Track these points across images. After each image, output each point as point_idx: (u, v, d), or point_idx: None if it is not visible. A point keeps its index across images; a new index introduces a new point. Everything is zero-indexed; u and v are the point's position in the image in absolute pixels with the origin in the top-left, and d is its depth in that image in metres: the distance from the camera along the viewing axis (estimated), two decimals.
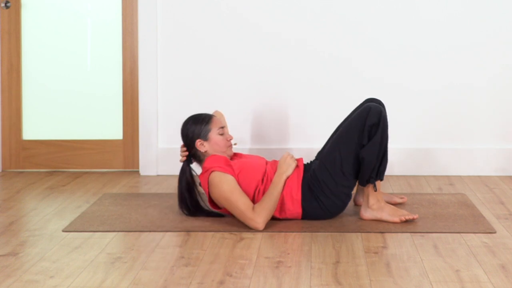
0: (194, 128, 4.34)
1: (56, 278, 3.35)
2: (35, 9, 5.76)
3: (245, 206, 4.08)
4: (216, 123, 4.36)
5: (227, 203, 4.12)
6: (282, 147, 5.63)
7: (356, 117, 4.20)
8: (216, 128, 4.34)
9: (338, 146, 4.20)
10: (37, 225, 4.25)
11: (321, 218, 4.25)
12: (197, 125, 4.34)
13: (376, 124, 4.15)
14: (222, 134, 4.33)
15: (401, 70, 5.58)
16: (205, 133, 4.32)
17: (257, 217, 4.05)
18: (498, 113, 5.58)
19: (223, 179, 4.14)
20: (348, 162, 4.18)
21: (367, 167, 4.16)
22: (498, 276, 3.35)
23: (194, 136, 4.34)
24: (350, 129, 4.19)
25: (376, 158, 4.15)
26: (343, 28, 5.56)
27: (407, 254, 3.67)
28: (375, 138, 4.14)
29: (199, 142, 4.32)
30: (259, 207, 4.08)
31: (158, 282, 3.29)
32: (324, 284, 3.26)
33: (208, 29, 5.60)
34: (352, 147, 4.17)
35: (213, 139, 4.32)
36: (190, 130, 4.35)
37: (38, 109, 5.78)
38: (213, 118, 4.37)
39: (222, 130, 4.34)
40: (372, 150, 4.14)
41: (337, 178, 4.19)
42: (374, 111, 4.15)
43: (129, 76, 5.71)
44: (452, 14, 5.55)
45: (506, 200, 4.81)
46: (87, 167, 5.79)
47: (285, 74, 5.60)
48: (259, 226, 4.05)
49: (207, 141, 4.32)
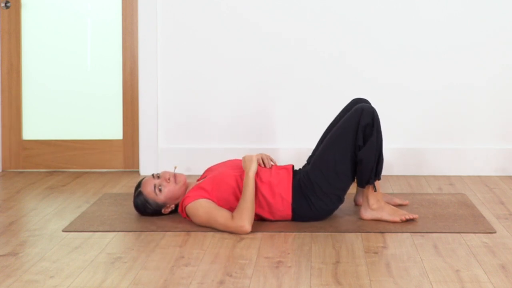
0: (149, 207, 4.30)
1: (56, 278, 3.35)
2: (35, 9, 5.76)
3: (224, 218, 4.06)
4: (146, 186, 4.29)
5: (210, 224, 4.11)
6: (282, 147, 5.63)
7: (348, 118, 4.18)
8: (152, 192, 4.27)
9: (332, 148, 4.17)
10: (37, 225, 4.25)
11: (310, 220, 4.24)
12: (145, 205, 4.30)
13: (370, 125, 4.14)
14: (160, 185, 4.26)
15: (401, 70, 5.58)
16: (155, 202, 4.29)
17: (238, 222, 4.03)
18: (498, 113, 5.58)
19: (196, 206, 4.13)
20: (343, 164, 4.16)
21: (365, 169, 4.15)
22: (498, 276, 3.35)
23: (154, 211, 4.32)
24: (343, 130, 4.17)
25: (374, 159, 4.15)
26: (343, 28, 5.56)
27: (407, 254, 3.67)
28: (371, 138, 4.13)
29: (163, 210, 4.32)
30: (237, 213, 4.06)
31: (158, 282, 3.29)
32: (324, 284, 3.26)
33: (208, 29, 5.60)
34: (347, 149, 4.15)
35: (163, 196, 4.27)
36: (148, 211, 4.32)
37: (38, 109, 5.78)
38: (144, 188, 4.29)
39: (158, 184, 4.26)
40: (370, 152, 4.13)
41: (330, 179, 4.17)
42: (367, 112, 4.14)
43: (129, 76, 5.71)
44: (452, 14, 5.55)
45: (506, 200, 4.81)
46: (87, 167, 5.79)
47: (285, 74, 5.60)
48: (245, 229, 4.03)
49: (165, 203, 4.29)
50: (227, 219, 4.05)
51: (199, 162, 5.65)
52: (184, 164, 5.65)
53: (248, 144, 5.64)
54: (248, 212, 4.05)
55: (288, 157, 5.61)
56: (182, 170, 5.66)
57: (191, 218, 4.17)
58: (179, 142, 5.66)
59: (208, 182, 4.20)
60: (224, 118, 5.64)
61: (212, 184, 4.19)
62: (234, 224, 4.03)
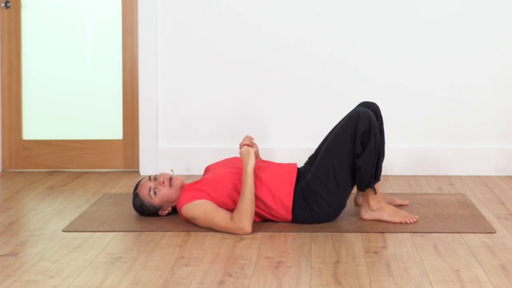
0: (146, 210, 4.30)
1: (56, 278, 3.35)
2: (35, 9, 5.76)
3: (224, 220, 4.03)
4: (142, 188, 4.28)
5: (208, 226, 4.09)
6: (282, 146, 5.63)
7: (345, 125, 4.12)
8: (147, 195, 4.26)
9: (330, 156, 4.12)
10: (37, 225, 4.25)
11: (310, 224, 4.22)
12: (142, 207, 4.29)
13: (368, 131, 4.08)
14: (155, 188, 4.24)
15: (401, 70, 5.58)
16: (151, 205, 4.28)
17: (238, 224, 4.00)
18: (498, 113, 5.58)
19: (193, 208, 4.10)
20: (342, 172, 4.12)
21: (364, 175, 4.13)
22: (498, 276, 3.35)
23: (152, 213, 4.32)
24: (341, 137, 4.12)
25: (373, 165, 4.13)
26: (343, 28, 5.56)
27: (407, 254, 3.67)
28: (369, 145, 4.08)
29: (160, 212, 4.31)
30: (236, 214, 4.02)
31: (158, 282, 3.29)
32: (324, 284, 3.26)
33: (208, 29, 5.61)
34: (345, 156, 4.11)
35: (158, 199, 4.26)
36: (146, 213, 4.32)
37: (38, 109, 5.79)
38: (140, 191, 4.28)
39: (153, 187, 4.25)
40: (368, 159, 4.09)
41: (331, 188, 4.13)
42: (363, 118, 4.08)
43: (129, 76, 5.71)
44: (452, 14, 5.55)
45: (506, 200, 4.81)
46: (87, 167, 5.79)
47: (285, 74, 5.60)
48: (246, 230, 4.01)
49: (161, 206, 4.28)
50: (226, 221, 4.02)
51: (199, 162, 5.65)
52: (184, 164, 5.65)
53: None
54: (248, 213, 4.02)
55: (288, 157, 5.61)
56: (182, 170, 5.66)
57: (188, 219, 4.15)
58: (179, 142, 5.66)
59: (204, 183, 4.18)
60: (224, 118, 5.64)
61: (208, 185, 4.16)
62: (234, 226, 4.01)
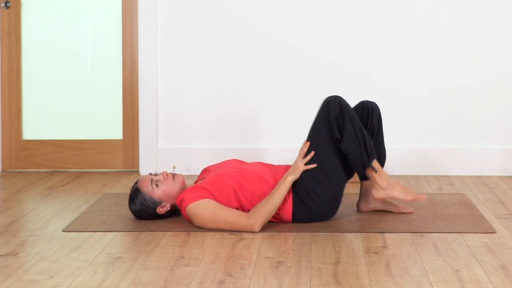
0: (145, 204, 4.22)
1: (56, 278, 3.35)
2: (35, 9, 5.76)
3: (235, 215, 4.03)
4: (143, 181, 4.23)
5: (215, 225, 4.06)
6: (283, 146, 5.63)
7: (318, 115, 4.16)
8: (149, 186, 4.21)
9: (312, 148, 4.13)
10: (37, 225, 4.25)
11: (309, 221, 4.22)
12: (141, 202, 4.22)
13: (340, 114, 4.09)
14: (157, 181, 4.20)
15: (401, 70, 5.58)
16: (151, 198, 4.22)
17: (252, 219, 4.00)
18: (498, 113, 5.58)
19: (199, 206, 4.07)
20: (328, 161, 4.12)
21: (355, 157, 4.12)
22: (498, 276, 3.35)
23: (151, 210, 4.23)
24: (316, 127, 4.15)
25: (359, 144, 4.11)
26: (342, 28, 5.56)
27: (407, 254, 3.67)
28: (346, 127, 4.09)
29: (158, 209, 4.23)
30: (255, 211, 4.03)
31: (158, 282, 3.29)
32: (324, 284, 3.26)
33: (208, 29, 5.61)
34: (327, 144, 4.12)
35: (160, 192, 4.21)
36: (145, 210, 4.23)
37: (38, 109, 5.79)
38: (141, 184, 4.23)
39: (155, 180, 4.20)
40: (351, 141, 4.09)
41: (321, 180, 4.13)
42: (333, 102, 4.11)
43: (129, 76, 5.71)
44: (452, 14, 5.55)
45: (506, 200, 4.81)
46: (87, 167, 5.79)
47: (286, 74, 5.60)
48: (255, 228, 4.01)
49: (161, 200, 4.22)
50: (238, 215, 4.02)
51: (199, 162, 5.65)
52: (184, 164, 5.65)
53: (249, 144, 5.64)
54: (266, 215, 4.03)
55: (289, 157, 5.61)
56: (182, 170, 5.66)
57: (192, 219, 4.14)
58: (179, 142, 5.66)
59: (207, 182, 4.18)
60: (224, 118, 5.64)
61: (212, 184, 4.17)
62: (245, 221, 4.00)
